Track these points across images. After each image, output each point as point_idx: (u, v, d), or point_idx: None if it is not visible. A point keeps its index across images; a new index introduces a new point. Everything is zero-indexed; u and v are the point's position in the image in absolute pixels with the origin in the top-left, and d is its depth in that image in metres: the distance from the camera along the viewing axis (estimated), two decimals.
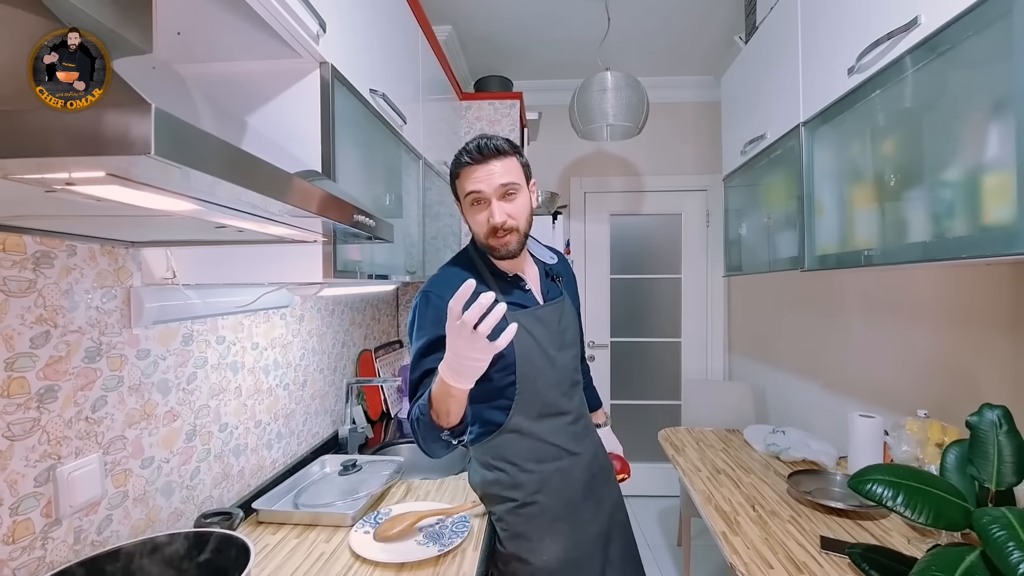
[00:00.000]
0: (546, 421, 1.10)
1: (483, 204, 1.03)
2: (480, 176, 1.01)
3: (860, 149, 1.18)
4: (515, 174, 1.03)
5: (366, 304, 2.08)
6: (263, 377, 1.32)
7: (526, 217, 1.06)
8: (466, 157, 1.03)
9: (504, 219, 1.01)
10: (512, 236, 1.03)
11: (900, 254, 1.03)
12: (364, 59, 1.18)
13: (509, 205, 1.02)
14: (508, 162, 1.03)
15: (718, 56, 2.69)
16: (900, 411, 1.54)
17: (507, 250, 1.05)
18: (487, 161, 1.01)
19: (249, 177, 0.49)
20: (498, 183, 1.00)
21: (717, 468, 1.72)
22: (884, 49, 1.04)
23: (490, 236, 1.03)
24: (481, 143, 1.02)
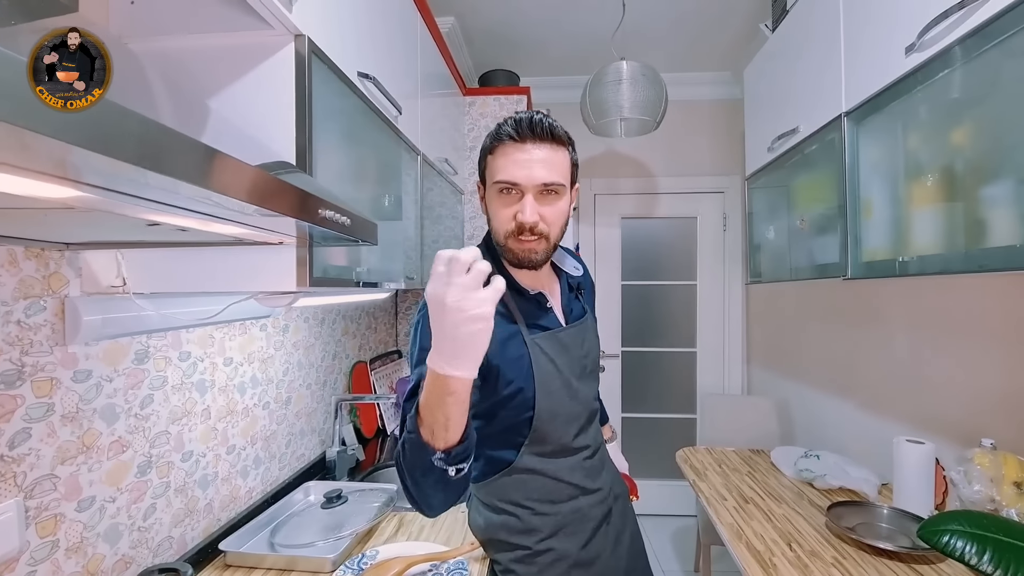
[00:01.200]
0: (562, 458, 0.94)
1: (514, 196, 0.82)
2: (520, 160, 0.80)
3: (921, 140, 1.02)
4: (562, 171, 0.83)
5: (361, 312, 1.94)
6: (238, 396, 1.18)
7: (561, 225, 0.86)
8: (510, 129, 0.81)
9: (536, 220, 0.81)
10: (540, 244, 0.83)
11: (976, 260, 0.87)
12: (351, 38, 1.04)
13: (545, 206, 0.82)
14: (559, 154, 0.83)
15: (738, 51, 2.54)
16: (954, 438, 1.37)
17: (529, 259, 0.84)
18: (535, 143, 0.81)
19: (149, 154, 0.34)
20: (539, 179, 0.80)
21: (745, 496, 1.55)
22: (958, 19, 0.89)
23: (512, 237, 0.83)
24: (535, 118, 0.81)
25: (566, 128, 0.86)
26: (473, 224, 2.33)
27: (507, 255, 0.86)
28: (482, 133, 2.32)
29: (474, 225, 2.33)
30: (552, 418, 0.90)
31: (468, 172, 2.33)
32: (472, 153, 2.33)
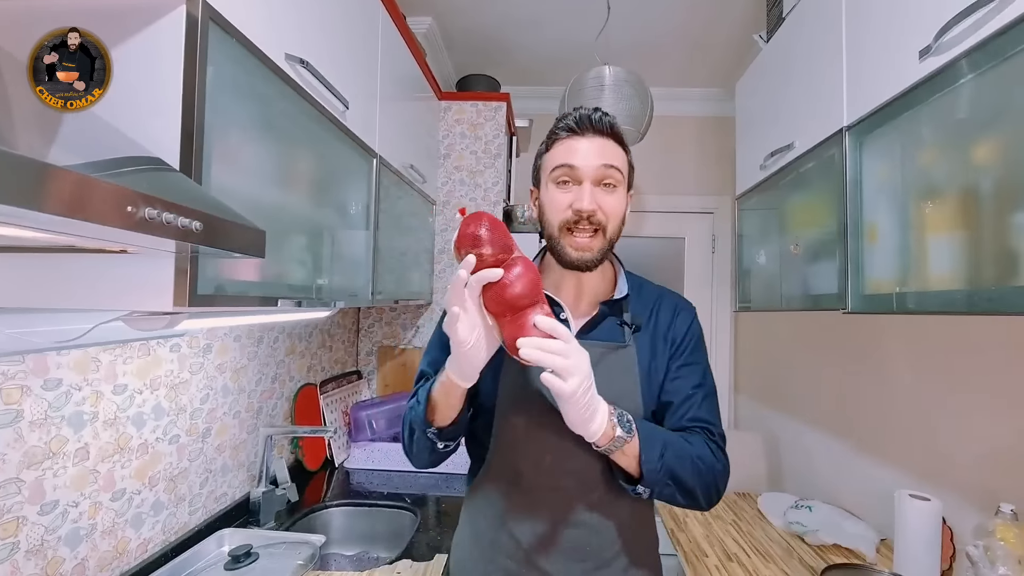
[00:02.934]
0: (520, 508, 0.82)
1: (571, 185, 0.79)
2: (579, 148, 0.78)
3: (937, 156, 0.88)
4: (621, 164, 0.80)
5: (312, 329, 1.76)
6: (132, 430, 0.99)
7: (618, 220, 0.81)
8: (569, 123, 0.80)
9: (594, 208, 0.77)
10: (595, 239, 0.79)
11: (1008, 301, 0.72)
12: (279, 13, 0.89)
13: (604, 195, 0.79)
14: (617, 150, 0.80)
15: (729, 66, 2.43)
16: (964, 495, 1.22)
17: (581, 256, 0.79)
18: (593, 136, 0.79)
19: None
20: (599, 162, 0.77)
21: (728, 552, 1.38)
22: (984, 16, 0.75)
23: (566, 228, 0.79)
24: (594, 114, 0.79)
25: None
26: (444, 237, 2.17)
27: (559, 253, 0.81)
28: (457, 140, 2.18)
29: (445, 238, 2.17)
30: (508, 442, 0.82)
31: (441, 181, 2.18)
32: (446, 161, 2.18)
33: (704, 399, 0.84)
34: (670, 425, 0.83)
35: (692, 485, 0.76)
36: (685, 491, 0.77)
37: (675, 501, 0.78)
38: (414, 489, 1.58)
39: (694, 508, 0.80)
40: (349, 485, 1.61)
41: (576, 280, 0.85)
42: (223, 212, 0.54)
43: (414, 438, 0.81)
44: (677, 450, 0.76)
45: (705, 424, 0.82)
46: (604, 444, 0.72)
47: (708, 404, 0.84)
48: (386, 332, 2.19)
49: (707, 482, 0.78)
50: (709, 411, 0.84)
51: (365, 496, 1.52)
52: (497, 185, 2.18)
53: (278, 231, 0.91)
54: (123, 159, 0.55)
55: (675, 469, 0.75)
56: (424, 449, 0.80)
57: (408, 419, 0.82)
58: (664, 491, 0.76)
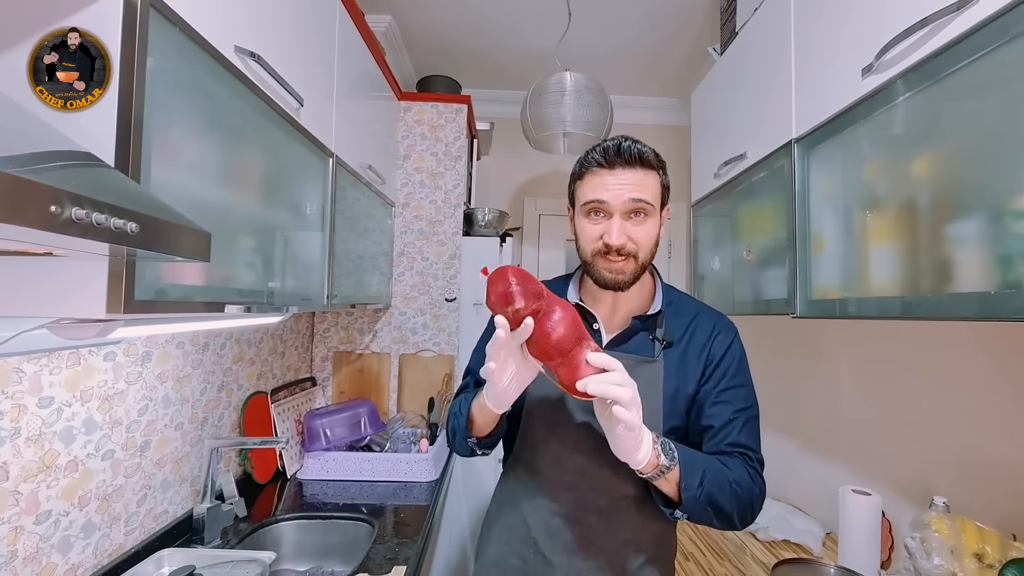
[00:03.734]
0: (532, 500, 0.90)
1: (602, 217, 0.83)
2: (608, 183, 0.81)
3: (879, 169, 0.93)
4: (652, 192, 0.83)
5: (263, 335, 1.68)
6: (60, 446, 0.91)
7: (650, 246, 0.84)
8: (597, 155, 0.83)
9: (623, 241, 0.81)
10: (628, 264, 0.82)
11: (945, 307, 0.76)
12: (224, 1, 0.84)
13: (634, 227, 0.82)
14: (648, 176, 0.83)
15: (685, 76, 2.51)
16: (901, 490, 1.29)
17: (615, 278, 0.83)
18: (623, 168, 0.82)
19: None
20: (628, 196, 0.80)
21: (685, 552, 1.41)
22: (922, 37, 0.80)
23: (599, 256, 0.83)
24: (623, 144, 0.82)
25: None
26: (403, 240, 2.13)
27: (594, 274, 0.85)
28: (418, 141, 2.15)
29: (404, 241, 2.13)
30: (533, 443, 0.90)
31: (401, 182, 2.14)
32: (406, 162, 2.14)
33: (745, 424, 0.85)
34: (708, 449, 0.84)
35: (729, 510, 0.78)
36: (722, 515, 0.79)
37: (710, 524, 0.80)
38: (371, 499, 1.53)
39: (727, 529, 0.85)
40: (302, 497, 1.54)
41: (612, 296, 0.88)
42: (163, 212, 0.50)
43: (456, 440, 0.89)
44: (716, 476, 0.78)
45: (744, 449, 0.83)
46: (649, 472, 0.75)
47: (748, 429, 0.85)
48: (342, 337, 2.12)
49: (743, 505, 0.80)
50: (749, 436, 0.85)
51: (319, 508, 1.46)
52: (458, 187, 2.16)
53: (226, 232, 0.86)
54: (47, 153, 0.50)
55: (714, 495, 0.77)
56: (465, 450, 0.88)
57: (451, 424, 0.90)
58: (702, 516, 0.78)
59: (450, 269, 2.14)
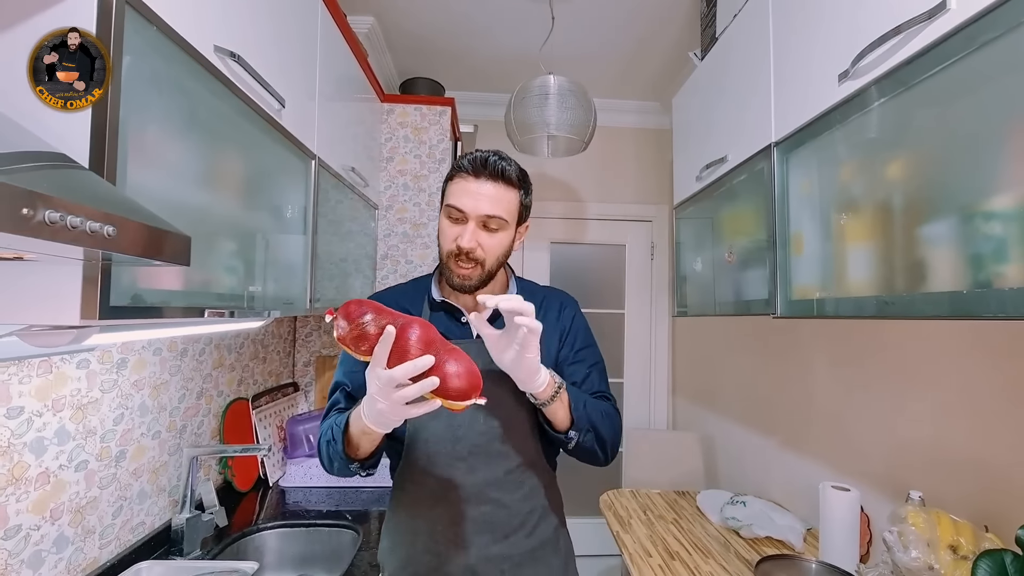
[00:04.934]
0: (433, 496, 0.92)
1: (459, 221, 0.90)
2: (470, 190, 0.89)
3: (855, 172, 0.95)
4: (507, 209, 0.91)
5: (244, 340, 1.65)
6: (29, 458, 0.88)
7: (498, 256, 0.93)
8: (465, 164, 0.91)
9: (473, 246, 0.89)
10: (475, 270, 0.91)
11: (919, 307, 0.78)
12: (203, 0, 0.83)
13: (486, 235, 0.90)
14: (507, 194, 0.91)
15: (667, 80, 2.54)
16: (879, 484, 1.32)
17: (463, 282, 0.91)
18: (485, 180, 0.89)
19: None
20: (484, 211, 0.88)
21: (671, 551, 1.42)
22: (895, 45, 0.82)
23: (451, 258, 0.91)
24: (490, 158, 0.90)
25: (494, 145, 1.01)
26: (387, 243, 2.11)
27: (447, 275, 0.92)
28: (401, 143, 2.13)
29: (388, 244, 2.11)
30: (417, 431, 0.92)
31: (384, 185, 2.13)
32: (389, 164, 2.13)
33: (600, 375, 1.02)
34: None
35: (604, 433, 0.92)
36: (600, 439, 0.91)
37: (591, 450, 0.91)
38: (355, 505, 1.51)
39: (598, 462, 0.94)
40: (285, 505, 1.52)
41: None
42: (141, 215, 0.49)
43: (334, 466, 0.89)
44: (593, 403, 0.92)
45: (602, 393, 1.00)
46: (547, 394, 0.84)
47: (602, 377, 1.02)
48: (325, 341, 2.10)
49: (615, 432, 0.95)
50: (603, 383, 1.02)
51: (302, 515, 1.44)
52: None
53: (206, 236, 0.84)
54: (18, 154, 0.48)
55: (594, 418, 0.90)
56: (346, 474, 0.89)
57: (327, 452, 0.88)
58: (586, 437, 0.89)
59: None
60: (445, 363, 0.69)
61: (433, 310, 0.99)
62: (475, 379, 0.70)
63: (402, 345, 0.68)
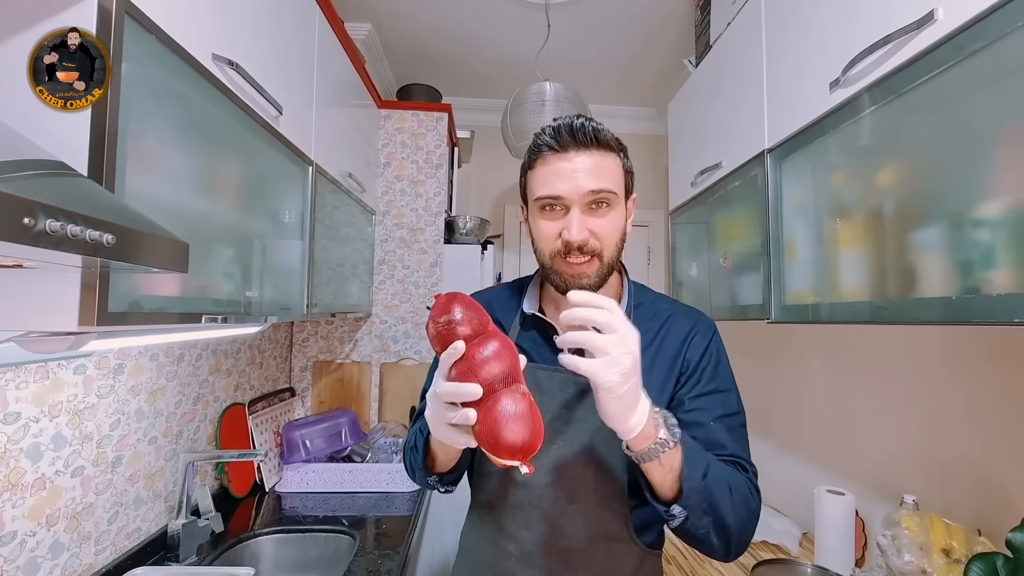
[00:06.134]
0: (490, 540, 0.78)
1: (558, 211, 0.71)
2: (562, 171, 0.70)
3: (846, 179, 0.96)
4: (613, 179, 0.72)
5: (241, 345, 1.65)
6: (26, 464, 0.88)
7: (616, 241, 0.73)
8: (548, 138, 0.71)
9: (585, 237, 0.70)
10: (592, 265, 0.71)
11: (909, 312, 0.79)
12: (202, 7, 0.83)
13: (596, 220, 0.71)
14: (607, 159, 0.73)
15: (662, 86, 2.56)
16: (873, 489, 1.33)
17: (579, 283, 0.71)
18: (577, 151, 0.71)
19: None
20: (586, 187, 0.70)
21: (667, 555, 1.42)
22: (885, 54, 0.84)
23: (558, 257, 0.72)
24: (575, 123, 0.71)
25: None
26: (384, 248, 2.12)
27: (554, 279, 0.74)
28: (398, 149, 2.14)
29: (385, 249, 2.12)
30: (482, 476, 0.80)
31: (381, 191, 2.13)
32: (386, 170, 2.14)
33: (731, 433, 0.73)
34: None
35: (729, 519, 0.64)
36: (720, 525, 0.64)
37: (703, 537, 0.65)
38: (352, 511, 1.51)
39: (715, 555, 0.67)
40: (281, 510, 1.51)
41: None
42: (140, 223, 0.49)
43: (416, 476, 0.80)
44: (720, 472, 0.65)
45: (734, 458, 0.71)
46: (642, 446, 0.60)
47: (735, 437, 0.73)
48: (322, 346, 2.10)
49: (742, 520, 0.66)
50: (737, 444, 0.73)
51: (298, 521, 1.43)
52: (439, 195, 2.16)
53: (204, 242, 0.85)
54: (17, 162, 0.49)
55: (715, 492, 0.63)
56: (427, 486, 0.79)
57: (408, 460, 0.81)
58: (701, 521, 0.63)
59: (431, 277, 2.13)
60: (499, 401, 0.54)
61: (524, 327, 0.81)
62: (524, 436, 0.54)
63: (468, 361, 0.56)
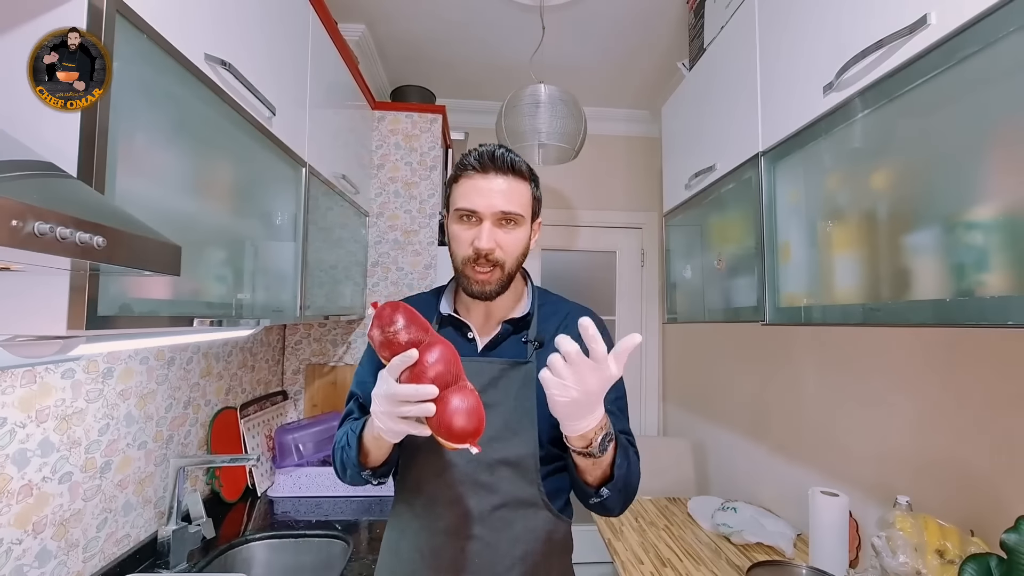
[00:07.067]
0: (419, 520, 0.86)
1: (473, 223, 0.84)
2: (481, 188, 0.83)
3: (840, 182, 0.97)
4: (522, 203, 0.85)
5: (232, 348, 1.63)
6: (11, 470, 0.86)
7: (517, 255, 0.86)
8: (472, 161, 0.84)
9: (492, 246, 0.82)
10: (493, 274, 0.83)
11: (903, 314, 0.80)
12: (194, 7, 0.82)
13: (503, 234, 0.83)
14: (519, 186, 0.85)
15: (655, 89, 2.57)
16: (867, 489, 1.33)
17: (482, 289, 0.84)
18: (495, 174, 0.83)
19: None
20: (499, 207, 0.82)
21: (662, 558, 1.42)
22: (878, 58, 0.84)
23: (468, 264, 0.83)
24: (497, 151, 0.84)
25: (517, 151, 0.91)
26: (378, 250, 2.10)
27: (464, 283, 0.86)
28: (392, 150, 2.13)
29: (379, 251, 2.10)
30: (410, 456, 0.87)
31: (375, 192, 2.12)
32: (380, 172, 2.13)
33: (621, 411, 0.90)
34: None
35: (632, 490, 0.83)
36: (627, 497, 0.83)
37: (611, 507, 0.82)
38: (345, 515, 1.50)
39: (612, 515, 0.85)
40: (273, 515, 1.50)
41: (484, 303, 0.88)
42: (130, 225, 0.48)
43: (347, 474, 0.87)
44: (626, 454, 0.81)
45: (625, 434, 0.87)
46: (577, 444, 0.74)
47: (624, 414, 0.91)
48: (315, 349, 2.08)
49: (635, 486, 0.85)
50: (625, 420, 0.91)
51: (291, 526, 1.42)
52: (433, 197, 2.15)
53: (195, 244, 0.84)
54: (6, 163, 0.48)
55: (629, 475, 0.81)
56: (359, 482, 0.87)
57: (340, 457, 0.87)
58: (616, 497, 0.80)
59: (425, 279, 2.13)
60: (451, 397, 0.66)
61: (442, 325, 0.92)
62: (474, 424, 0.65)
63: (419, 365, 0.66)
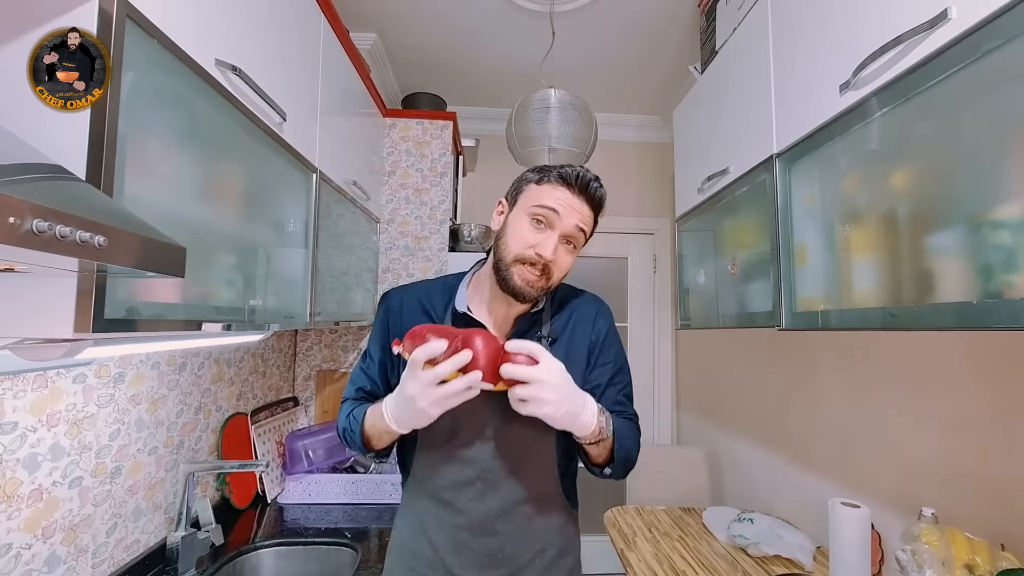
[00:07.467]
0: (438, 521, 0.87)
1: (542, 228, 0.83)
2: (567, 203, 0.83)
3: (858, 182, 0.94)
4: (587, 234, 0.88)
5: (244, 354, 1.64)
6: (22, 474, 0.87)
7: (562, 275, 0.88)
8: (566, 175, 0.85)
9: (552, 258, 0.83)
10: (541, 280, 0.84)
11: (926, 318, 0.77)
12: (206, 13, 0.83)
13: (564, 252, 0.85)
14: (591, 219, 0.87)
15: (666, 94, 2.55)
16: (889, 501, 1.29)
17: (523, 292, 0.83)
18: (583, 200, 0.85)
19: None
20: (576, 223, 0.84)
21: (677, 569, 1.38)
22: (896, 55, 0.82)
23: (519, 263, 0.83)
24: (593, 183, 0.86)
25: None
26: (388, 256, 2.11)
27: (506, 277, 0.84)
28: (403, 157, 2.14)
29: (389, 257, 2.11)
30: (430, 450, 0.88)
31: (386, 199, 2.13)
32: (391, 178, 2.14)
33: (629, 398, 0.97)
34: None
35: (631, 462, 0.89)
36: (628, 467, 0.89)
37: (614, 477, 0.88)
38: (355, 522, 1.48)
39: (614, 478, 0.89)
40: (283, 522, 1.49)
41: (507, 302, 0.89)
42: (133, 226, 0.48)
43: (350, 446, 0.91)
44: (627, 431, 0.88)
45: (628, 413, 0.95)
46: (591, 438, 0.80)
47: (631, 400, 0.97)
48: (326, 355, 2.08)
49: (633, 458, 0.90)
50: (630, 404, 0.97)
51: (300, 533, 1.41)
52: (444, 204, 2.15)
53: (205, 248, 0.84)
54: (13, 166, 0.48)
55: (630, 451, 0.88)
56: (361, 454, 0.91)
57: (344, 430, 0.90)
58: (620, 470, 0.86)
59: None
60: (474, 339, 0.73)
61: (455, 323, 0.91)
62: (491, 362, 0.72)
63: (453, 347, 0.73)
